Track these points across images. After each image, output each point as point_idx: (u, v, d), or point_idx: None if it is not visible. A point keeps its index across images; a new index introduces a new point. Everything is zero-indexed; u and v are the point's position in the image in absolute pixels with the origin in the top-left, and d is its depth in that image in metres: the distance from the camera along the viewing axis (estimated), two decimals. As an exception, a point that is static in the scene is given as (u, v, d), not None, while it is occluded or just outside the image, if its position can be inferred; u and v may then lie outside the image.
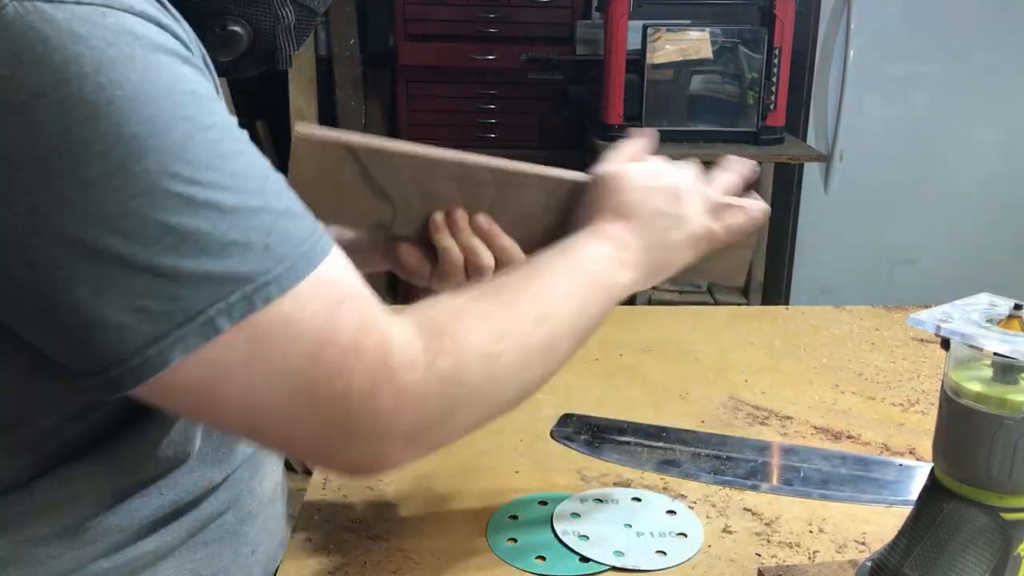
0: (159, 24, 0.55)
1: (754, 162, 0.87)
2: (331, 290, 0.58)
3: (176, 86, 0.53)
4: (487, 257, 0.81)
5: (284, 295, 0.55)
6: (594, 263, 0.75)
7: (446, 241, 0.81)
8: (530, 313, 0.68)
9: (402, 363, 0.59)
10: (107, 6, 0.52)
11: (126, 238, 0.51)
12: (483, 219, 0.81)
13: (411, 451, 0.62)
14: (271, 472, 0.85)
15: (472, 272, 0.82)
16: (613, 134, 2.78)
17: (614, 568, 0.81)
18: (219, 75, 0.72)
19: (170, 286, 0.52)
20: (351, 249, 0.69)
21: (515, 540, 0.85)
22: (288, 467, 2.28)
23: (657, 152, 0.91)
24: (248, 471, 0.80)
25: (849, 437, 1.07)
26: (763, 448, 1.04)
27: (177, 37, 0.56)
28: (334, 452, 0.60)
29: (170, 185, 0.52)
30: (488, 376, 0.64)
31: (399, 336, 0.60)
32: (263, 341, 0.55)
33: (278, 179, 0.59)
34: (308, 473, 1.07)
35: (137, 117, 0.51)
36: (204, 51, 0.63)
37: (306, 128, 0.75)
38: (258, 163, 0.58)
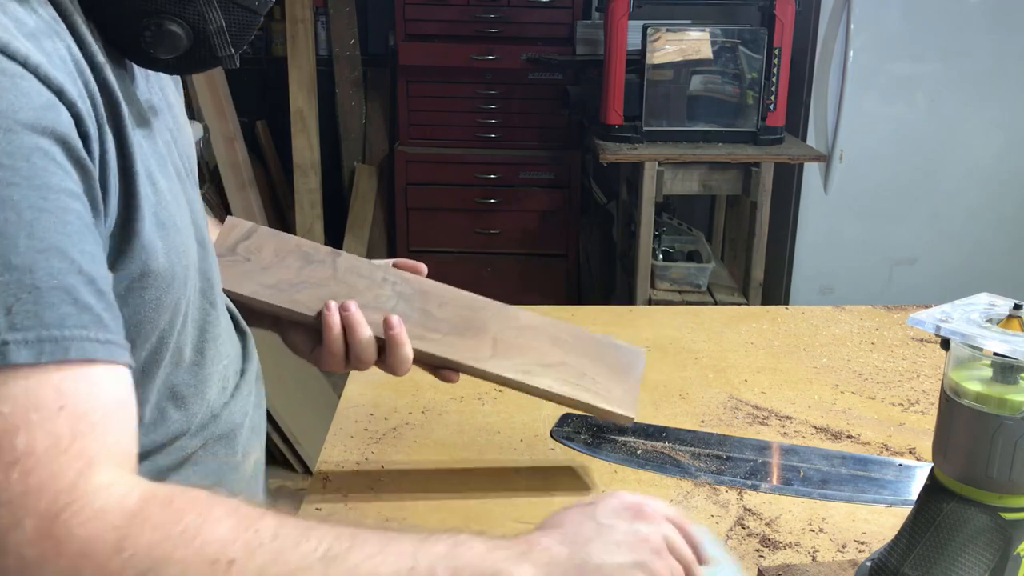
0: (24, 63, 0.53)
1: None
2: (52, 396, 0.50)
3: None
4: (366, 330, 0.85)
5: (4, 370, 0.49)
6: (492, 551, 0.61)
7: (332, 318, 0.86)
8: (324, 546, 0.54)
9: (82, 508, 0.49)
10: None
11: None
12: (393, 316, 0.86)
13: None
14: (254, 449, 0.86)
15: (353, 344, 0.85)
16: (613, 134, 2.78)
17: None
18: (168, 72, 0.72)
19: None
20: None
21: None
22: (288, 466, 2.28)
23: (657, 154, 0.92)
24: (226, 447, 0.79)
25: (849, 437, 1.07)
26: (763, 448, 1.04)
27: (49, 81, 0.54)
28: None
29: None
30: None
31: (107, 483, 0.51)
32: None
33: (81, 264, 0.53)
34: (308, 473, 1.06)
35: None
36: (138, 99, 0.63)
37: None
38: (60, 234, 0.52)
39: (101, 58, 0.62)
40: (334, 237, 3.58)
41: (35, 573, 0.48)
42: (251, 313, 0.90)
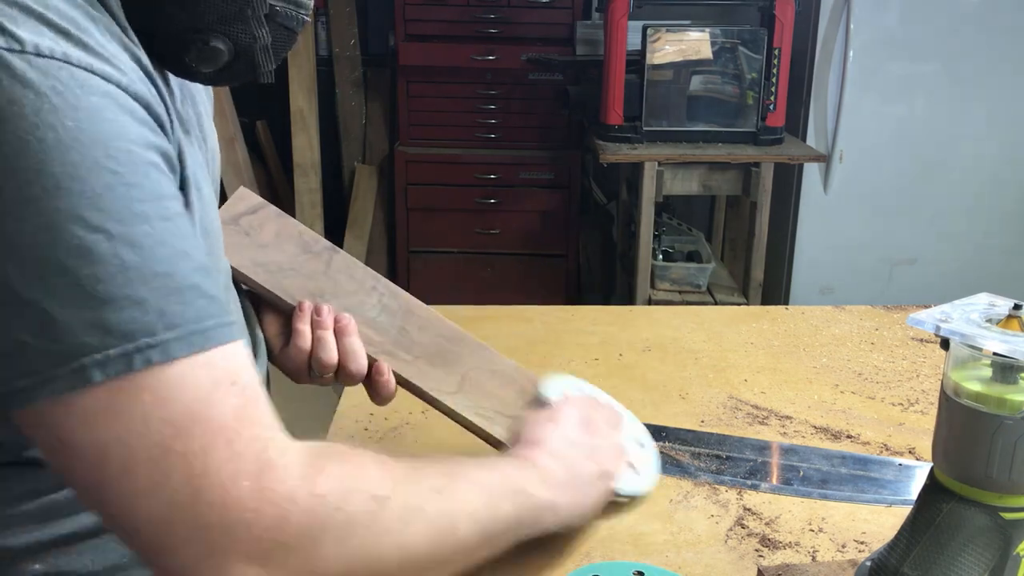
0: (119, 84, 0.57)
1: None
2: (222, 374, 0.57)
3: (113, 141, 0.55)
4: (331, 354, 0.86)
5: (167, 363, 0.54)
6: (513, 470, 0.75)
7: (301, 324, 0.87)
8: (433, 482, 0.66)
9: (276, 464, 0.57)
10: (66, 62, 0.54)
11: (21, 270, 0.52)
12: (345, 316, 0.87)
13: (264, 570, 0.56)
14: None
15: (314, 363, 0.86)
16: (613, 134, 2.78)
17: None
18: (204, 83, 0.74)
19: (52, 326, 0.53)
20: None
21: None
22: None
23: (657, 154, 0.93)
24: None
25: (849, 437, 1.07)
26: (763, 448, 1.04)
27: (138, 98, 0.58)
28: (173, 541, 0.55)
29: (76, 228, 0.53)
30: (368, 515, 0.60)
31: (283, 441, 0.58)
32: (131, 402, 0.54)
33: (199, 260, 0.59)
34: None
35: (61, 159, 0.53)
36: (178, 108, 0.66)
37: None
38: (180, 237, 0.58)
39: (151, 66, 0.64)
40: (334, 237, 3.58)
41: (254, 516, 0.55)
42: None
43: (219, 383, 0.57)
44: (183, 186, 0.66)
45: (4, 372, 0.53)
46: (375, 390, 0.88)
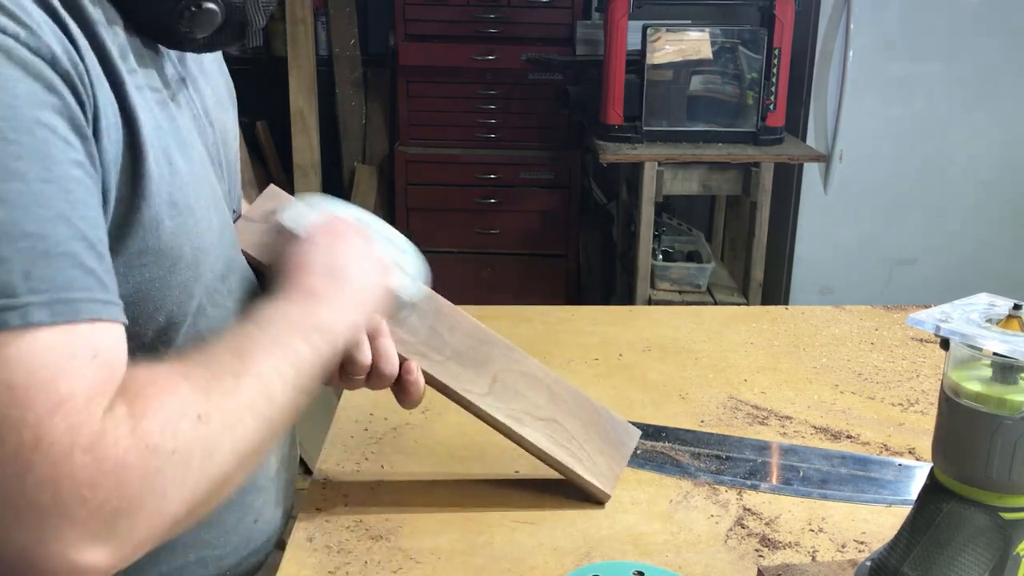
0: (15, 37, 0.55)
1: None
2: (83, 346, 0.55)
3: None
4: (366, 355, 0.82)
5: (24, 328, 0.53)
6: (295, 310, 0.73)
7: None
8: (233, 367, 0.65)
9: (107, 428, 0.55)
10: None
11: None
12: (376, 317, 0.84)
13: (109, 546, 0.54)
14: (277, 446, 0.86)
15: (348, 365, 0.82)
16: (613, 134, 2.78)
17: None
18: (197, 51, 0.74)
19: None
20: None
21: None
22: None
23: (657, 154, 0.93)
24: None
25: (849, 437, 1.07)
26: (763, 448, 1.04)
27: (39, 52, 0.56)
28: (3, 522, 0.53)
29: None
30: (199, 441, 0.59)
31: (108, 399, 0.57)
32: None
33: (85, 231, 0.57)
34: (308, 473, 1.07)
35: None
36: (129, 66, 0.65)
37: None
38: (66, 203, 0.56)
39: (97, 18, 0.63)
40: (334, 237, 3.58)
41: (90, 491, 0.53)
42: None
43: (77, 355, 0.54)
44: (135, 154, 0.64)
45: None
46: (404, 391, 0.86)
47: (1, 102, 0.54)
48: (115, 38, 0.65)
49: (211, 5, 0.67)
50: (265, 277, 0.88)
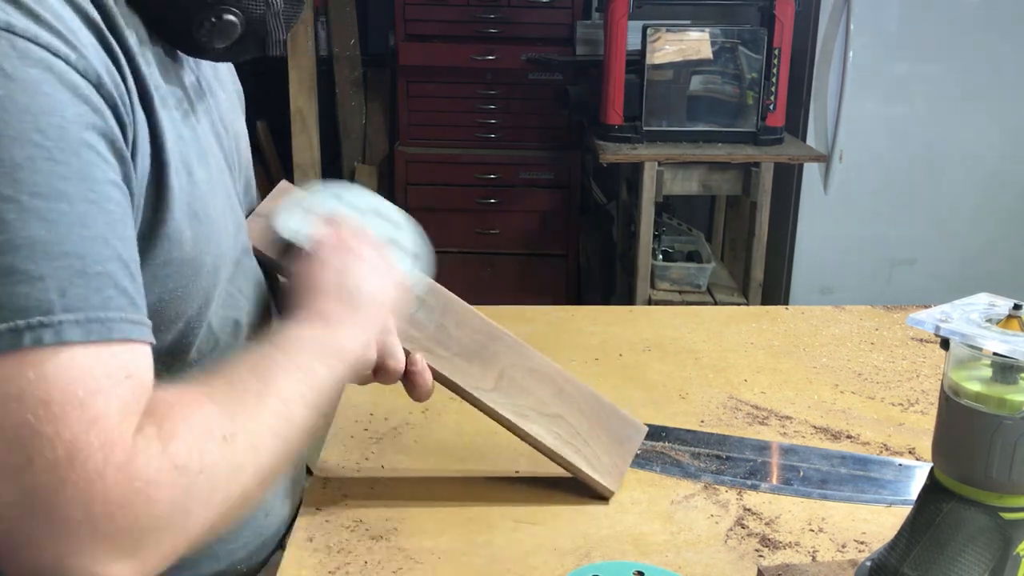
0: (65, 59, 0.56)
1: None
2: (118, 367, 0.56)
3: (44, 115, 0.55)
4: (373, 352, 0.82)
5: (59, 345, 0.53)
6: (310, 333, 0.75)
7: None
8: (255, 387, 0.66)
9: (138, 448, 0.55)
10: (7, 30, 0.54)
11: None
12: None
13: (133, 561, 0.55)
14: None
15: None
16: (613, 134, 2.78)
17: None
18: (216, 60, 0.75)
19: None
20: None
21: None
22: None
23: (657, 154, 0.93)
24: None
25: (849, 437, 1.07)
26: (763, 448, 1.04)
27: (87, 74, 0.57)
28: (34, 534, 0.53)
29: None
30: (224, 461, 0.60)
31: (137, 419, 0.57)
32: (11, 376, 0.52)
33: (121, 252, 0.58)
34: (308, 472, 1.07)
35: None
36: (157, 82, 0.65)
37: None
38: (105, 223, 0.57)
39: (133, 42, 0.64)
40: (334, 237, 3.58)
41: (120, 508, 0.54)
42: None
43: (111, 374, 0.55)
44: (159, 167, 0.65)
45: None
46: (412, 383, 0.87)
47: (51, 124, 0.55)
48: (146, 57, 0.66)
49: (231, 17, 0.68)
50: (271, 276, 0.89)
